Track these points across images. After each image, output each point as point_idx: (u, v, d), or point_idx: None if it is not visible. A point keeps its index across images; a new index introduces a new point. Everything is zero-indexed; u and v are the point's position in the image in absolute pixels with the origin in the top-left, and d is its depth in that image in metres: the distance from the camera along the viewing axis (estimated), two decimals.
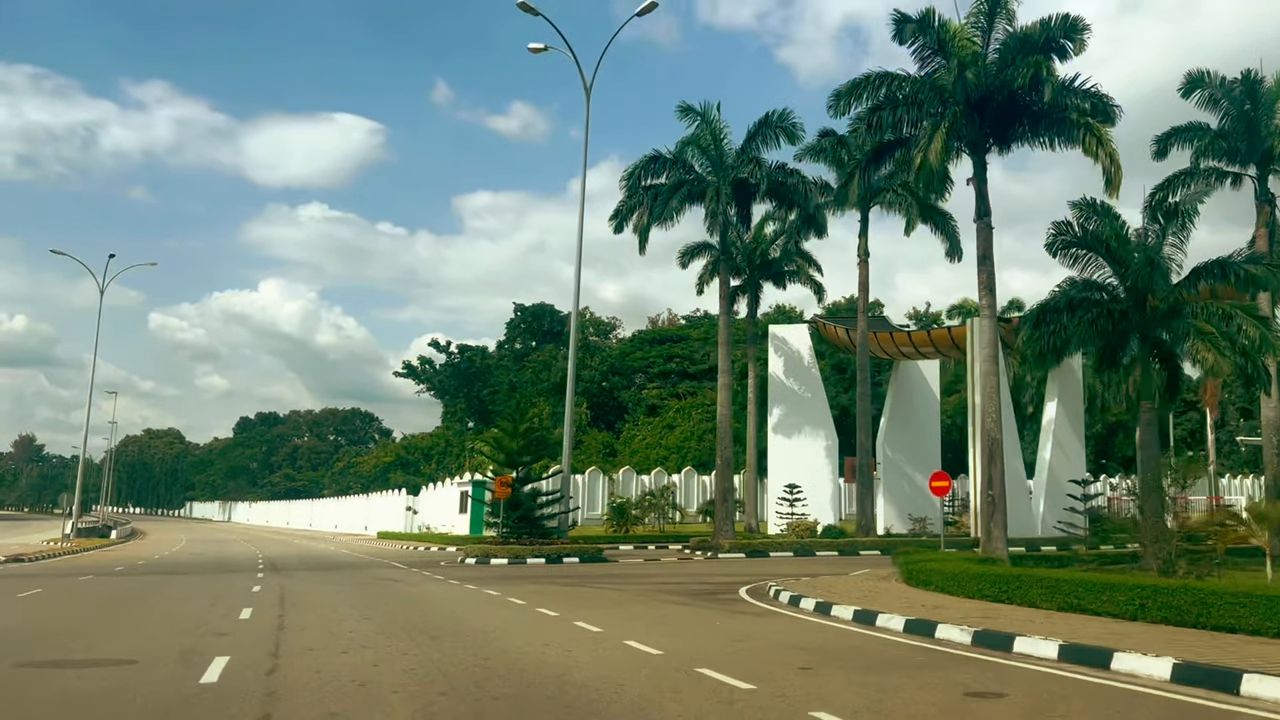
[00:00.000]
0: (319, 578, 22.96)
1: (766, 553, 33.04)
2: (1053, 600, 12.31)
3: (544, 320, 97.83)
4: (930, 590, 15.74)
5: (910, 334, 49.54)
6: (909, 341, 49.26)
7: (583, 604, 15.09)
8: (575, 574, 23.56)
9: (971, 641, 10.30)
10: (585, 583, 20.23)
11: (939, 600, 14.12)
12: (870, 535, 37.95)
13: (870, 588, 17.10)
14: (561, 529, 31.71)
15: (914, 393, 52.76)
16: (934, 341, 48.48)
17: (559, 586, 19.12)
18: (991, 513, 24.15)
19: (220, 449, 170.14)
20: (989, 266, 25.04)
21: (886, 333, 50.37)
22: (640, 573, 24.67)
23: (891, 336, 49.98)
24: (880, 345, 51.05)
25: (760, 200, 35.99)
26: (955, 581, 14.99)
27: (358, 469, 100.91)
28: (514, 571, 25.08)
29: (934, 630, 10.94)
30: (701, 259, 51.73)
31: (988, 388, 24.93)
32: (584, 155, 34.06)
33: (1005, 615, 11.81)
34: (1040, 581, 12.77)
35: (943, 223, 38.87)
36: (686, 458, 67.71)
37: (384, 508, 73.88)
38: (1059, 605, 12.17)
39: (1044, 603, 12.46)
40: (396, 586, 19.71)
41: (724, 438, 35.61)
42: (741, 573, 24.22)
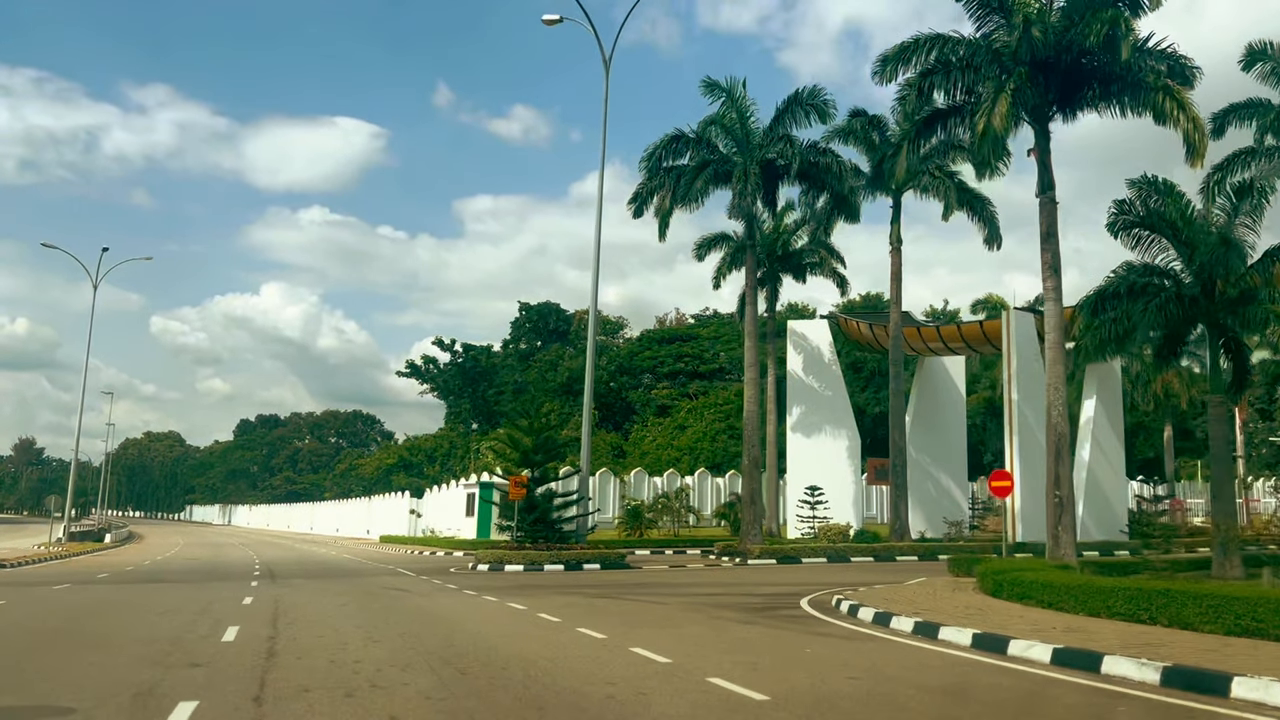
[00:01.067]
0: (319, 587, 20.73)
1: (798, 559, 30.82)
2: (1218, 622, 10.05)
3: (550, 319, 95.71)
4: (1032, 605, 13.49)
5: (939, 329, 47.31)
6: (938, 336, 47.06)
7: (629, 622, 12.85)
8: (602, 582, 21.33)
9: (1165, 683, 8.03)
10: (618, 594, 17.99)
11: (1057, 619, 11.88)
12: (905, 540, 35.70)
13: (954, 601, 14.86)
14: (580, 533, 29.48)
15: (939, 390, 50.63)
16: (964, 336, 46.26)
17: (590, 598, 16.89)
18: (1060, 515, 21.87)
19: (220, 452, 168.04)
20: (1053, 245, 22.80)
21: (914, 328, 48.15)
22: (672, 581, 22.45)
23: (919, 331, 47.76)
24: (907, 341, 48.80)
25: (790, 182, 33.74)
26: (1071, 596, 12.70)
27: (359, 471, 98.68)
28: (533, 580, 22.84)
29: (1098, 664, 8.68)
30: (719, 251, 49.67)
31: (1055, 377, 22.64)
32: (603, 129, 32.15)
33: (1178, 643, 9.53)
34: (1196, 598, 10.49)
35: (981, 208, 36.65)
36: (699, 459, 65.51)
37: (387, 511, 71.64)
38: (1228, 629, 9.92)
39: (1204, 624, 10.20)
40: (406, 598, 17.47)
41: (750, 436, 33.38)
42: (784, 581, 22.00)
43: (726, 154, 33.00)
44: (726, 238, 49.02)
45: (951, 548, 35.68)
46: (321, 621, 13.14)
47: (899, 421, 37.64)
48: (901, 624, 11.99)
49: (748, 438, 33.47)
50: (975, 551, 36.00)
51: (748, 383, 33.98)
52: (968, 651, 10.12)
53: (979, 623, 11.39)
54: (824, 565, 29.57)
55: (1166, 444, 62.03)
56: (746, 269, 34.79)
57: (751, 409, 33.46)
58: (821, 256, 47.29)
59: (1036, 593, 13.59)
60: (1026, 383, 40.45)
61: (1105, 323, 24.57)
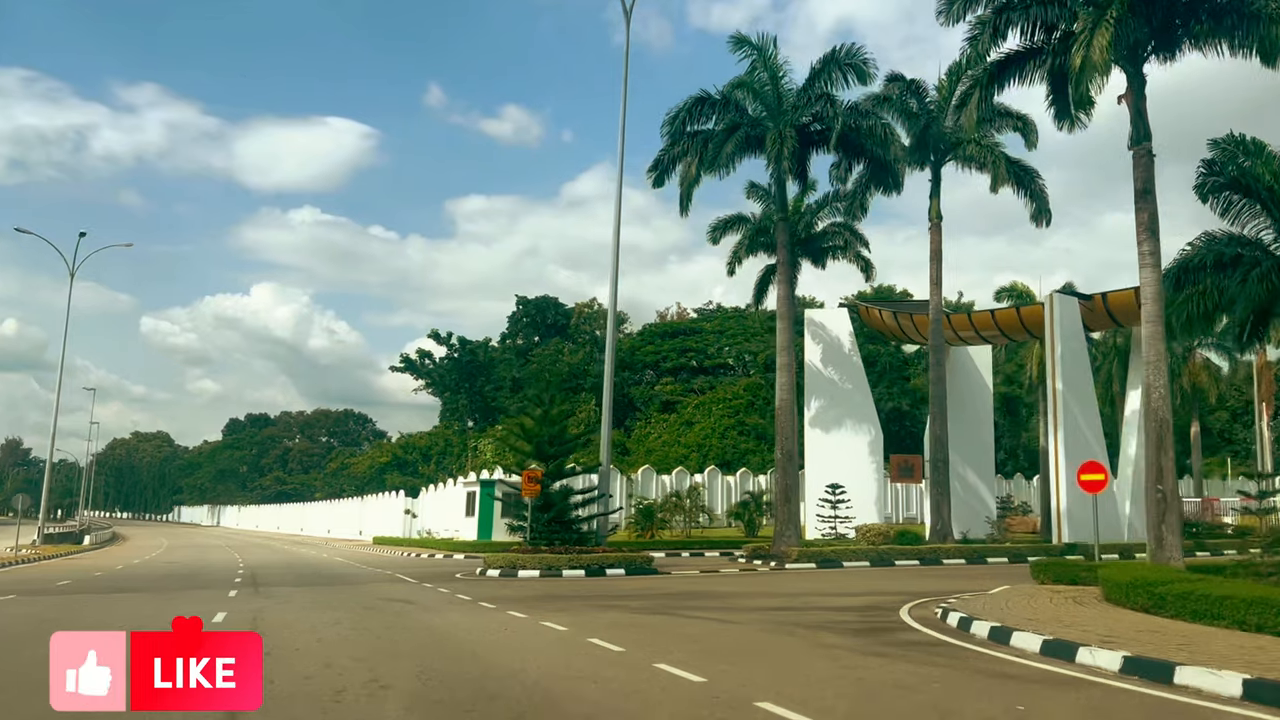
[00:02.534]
0: (307, 599, 17.70)
1: (839, 562, 27.88)
2: None
3: (548, 313, 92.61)
4: (1187, 620, 10.63)
5: (971, 315, 44.45)
6: (969, 324, 44.18)
7: (713, 652, 9.79)
8: (637, 592, 18.34)
9: None
10: (668, 608, 14.99)
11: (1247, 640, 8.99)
12: (947, 542, 32.76)
13: (1107, 619, 11.94)
14: (600, 534, 26.45)
15: (964, 383, 47.74)
16: (999, 323, 43.34)
17: (636, 614, 13.91)
18: (1163, 513, 18.94)
19: (209, 452, 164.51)
20: (1150, 203, 19.89)
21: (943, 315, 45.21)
22: (717, 590, 19.45)
23: (949, 319, 44.73)
24: None
25: (826, 150, 30.79)
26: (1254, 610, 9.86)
27: (351, 470, 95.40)
28: (555, 588, 19.83)
29: None
30: (735, 233, 46.72)
31: (1155, 354, 19.72)
32: (624, 83, 29.00)
33: None
34: None
35: (1028, 181, 33.71)
36: (708, 456, 62.55)
37: (380, 511, 68.51)
38: None
39: None
40: (413, 613, 14.45)
41: (784, 427, 30.41)
42: (848, 590, 19.04)
43: (756, 117, 30.05)
44: (744, 219, 46.04)
45: (999, 549, 32.78)
46: (308, 652, 10.13)
47: (940, 413, 34.70)
48: (1098, 659, 8.93)
49: (780, 429, 30.49)
50: (1033, 554, 33.16)
51: (780, 369, 31.01)
52: (1250, 708, 7.15)
53: (1173, 652, 8.40)
54: (870, 570, 26.66)
55: (1194, 440, 59.22)
56: (779, 243, 31.80)
57: (785, 397, 30.51)
58: (846, 239, 44.38)
59: (1199, 606, 10.72)
60: (1071, 370, 37.63)
61: (1193, 298, 21.80)
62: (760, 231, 45.40)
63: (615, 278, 29.46)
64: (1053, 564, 19.79)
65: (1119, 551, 35.07)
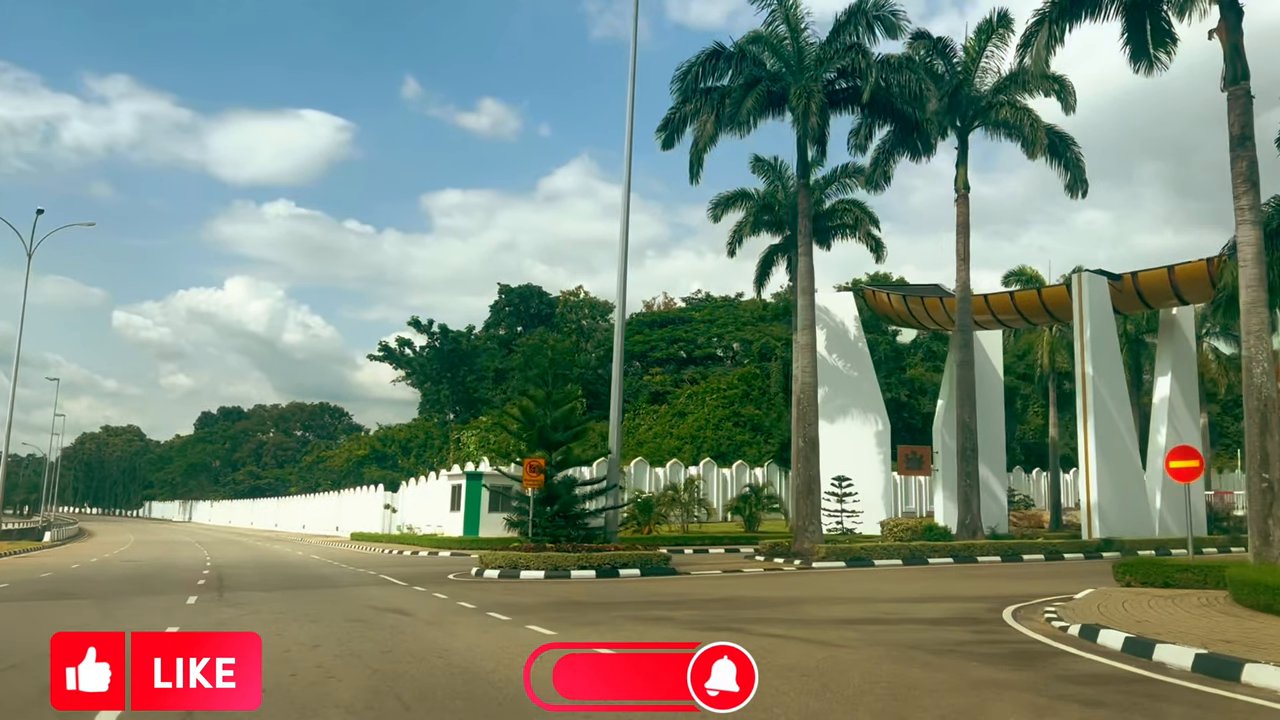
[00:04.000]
0: (281, 606, 14.94)
1: (870, 560, 25.35)
2: None
3: (531, 302, 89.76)
4: None
5: (988, 298, 41.96)
6: (986, 307, 41.74)
7: (847, 698, 7.13)
8: (669, 598, 15.71)
9: None
10: (728, 623, 12.30)
11: None
12: (977, 536, 30.29)
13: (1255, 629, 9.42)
14: (610, 530, 23.76)
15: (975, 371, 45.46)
16: (1018, 306, 40.97)
17: (696, 630, 11.25)
18: (1269, 504, 16.44)
19: (180, 446, 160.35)
20: (1250, 150, 17.37)
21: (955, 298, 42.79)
22: (765, 596, 16.80)
23: None
24: (947, 312, 43.58)
25: (853, 109, 28.23)
26: None
27: (328, 464, 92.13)
28: (570, 592, 17.13)
29: None
30: (738, 210, 44.17)
31: (1257, 323, 17.19)
32: (632, 61, 26.40)
33: None
34: None
35: (1064, 148, 31.27)
36: (702, 448, 59.95)
37: (358, 506, 65.52)
38: None
39: None
40: (412, 629, 11.73)
41: (806, 413, 27.82)
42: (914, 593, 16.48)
43: (775, 72, 27.39)
44: (747, 195, 43.47)
45: (1033, 545, 30.30)
46: (279, 691, 7.40)
47: (967, 398, 32.18)
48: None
49: (802, 414, 27.89)
50: (1069, 551, 30.83)
51: (801, 349, 28.41)
52: None
53: None
54: (910, 570, 24.16)
55: (1203, 432, 56.89)
56: (800, 211, 29.12)
57: (807, 380, 27.92)
58: (856, 217, 41.92)
59: None
60: (1101, 355, 35.23)
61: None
62: (765, 208, 42.80)
63: (624, 246, 26.78)
64: (1140, 564, 17.27)
65: (1154, 548, 32.77)
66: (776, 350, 66.06)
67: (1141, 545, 32.40)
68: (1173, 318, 38.70)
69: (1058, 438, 54.62)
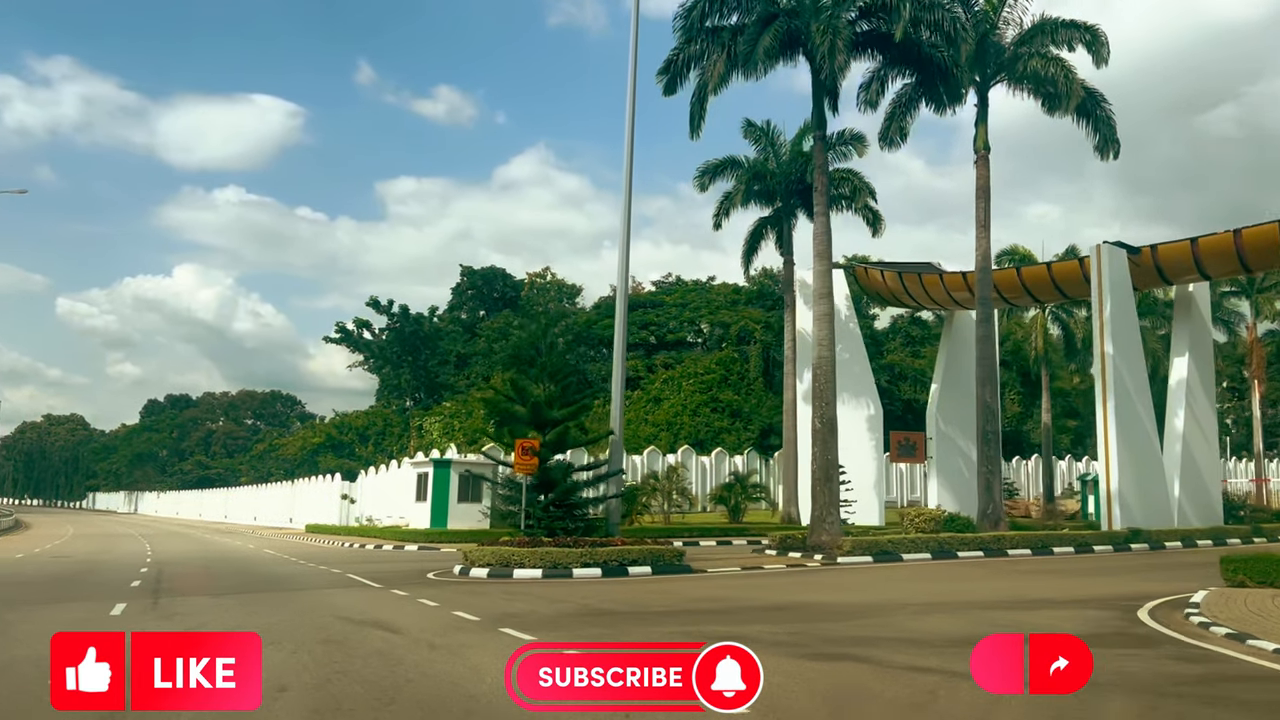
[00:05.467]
0: (230, 617, 11.89)
1: (897, 555, 22.65)
2: None
3: (496, 285, 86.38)
4: None
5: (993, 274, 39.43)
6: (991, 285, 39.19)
7: None
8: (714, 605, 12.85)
9: None
10: (815, 638, 9.45)
11: None
12: (1000, 527, 27.77)
13: None
14: (612, 522, 20.82)
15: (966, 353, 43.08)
16: (1025, 282, 38.58)
17: (787, 654, 8.39)
18: None
19: (125, 435, 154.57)
20: None
21: (958, 275, 40.39)
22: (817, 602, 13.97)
23: (964, 278, 39.94)
24: (947, 289, 41.18)
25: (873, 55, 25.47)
26: None
27: (281, 452, 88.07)
28: (585, 598, 14.17)
29: None
30: (726, 179, 41.41)
31: None
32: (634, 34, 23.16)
33: None
34: None
35: (1093, 105, 28.75)
36: (680, 435, 57.15)
37: (313, 496, 61.87)
38: None
39: None
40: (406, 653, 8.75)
41: (824, 390, 25.00)
42: (1000, 596, 13.76)
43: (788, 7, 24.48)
44: (736, 163, 40.74)
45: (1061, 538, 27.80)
46: None
47: (989, 376, 29.61)
48: None
49: (818, 392, 25.09)
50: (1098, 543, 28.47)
51: (818, 319, 25.65)
52: None
53: None
54: (929, 563, 21.50)
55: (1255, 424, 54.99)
56: (817, 167, 26.21)
57: (824, 354, 25.13)
58: (853, 187, 39.41)
59: None
60: (1120, 332, 32.85)
61: None
62: (757, 176, 40.05)
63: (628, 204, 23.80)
64: (1251, 561, 14.72)
65: (1180, 539, 30.53)
66: (755, 334, 63.41)
67: (1168, 537, 30.19)
68: (1189, 295, 36.50)
69: (1050, 423, 52.65)
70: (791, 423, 40.25)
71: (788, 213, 40.87)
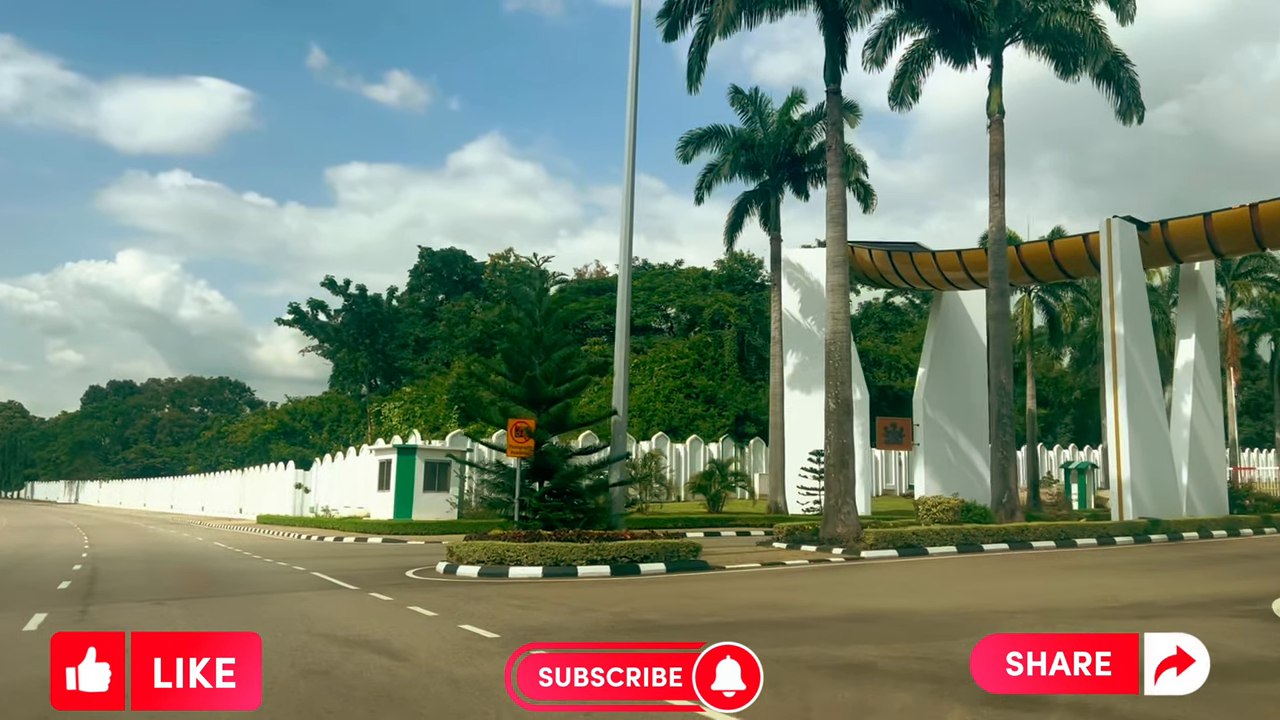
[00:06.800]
0: (178, 627, 9.35)
1: (922, 548, 20.61)
2: None
3: (456, 267, 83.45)
4: None
5: None
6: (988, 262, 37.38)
7: None
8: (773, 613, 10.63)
9: None
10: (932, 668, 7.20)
11: None
12: (1016, 516, 25.88)
13: None
14: (616, 513, 18.51)
15: (955, 335, 41.53)
16: (1025, 260, 36.72)
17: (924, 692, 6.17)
18: None
19: (66, 422, 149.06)
20: None
21: (952, 253, 38.52)
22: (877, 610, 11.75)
23: (959, 257, 38.16)
24: (940, 269, 39.29)
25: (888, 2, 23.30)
26: None
27: (230, 439, 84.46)
28: (611, 603, 11.84)
29: None
30: (710, 150, 39.23)
31: None
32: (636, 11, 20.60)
33: None
34: None
35: (1116, 68, 26.87)
36: (652, 422, 54.91)
37: (265, 485, 58.83)
38: None
39: None
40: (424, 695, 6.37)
41: (839, 368, 22.79)
42: (1093, 603, 11.65)
43: None
44: (721, 132, 38.58)
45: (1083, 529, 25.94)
46: None
47: (1004, 356, 27.68)
48: None
49: (832, 371, 22.89)
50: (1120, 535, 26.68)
51: (832, 290, 23.43)
52: None
53: None
54: (971, 559, 19.48)
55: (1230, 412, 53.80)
56: (829, 122, 23.98)
57: (839, 329, 22.95)
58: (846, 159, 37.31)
59: None
60: (1131, 311, 31.13)
61: None
62: (744, 146, 37.92)
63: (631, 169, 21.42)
64: None
65: (1196, 529, 28.93)
66: (730, 317, 61.30)
67: (1184, 527, 28.60)
68: (1195, 274, 34.91)
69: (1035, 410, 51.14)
70: (778, 408, 38.26)
71: (775, 187, 38.81)
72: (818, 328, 41.53)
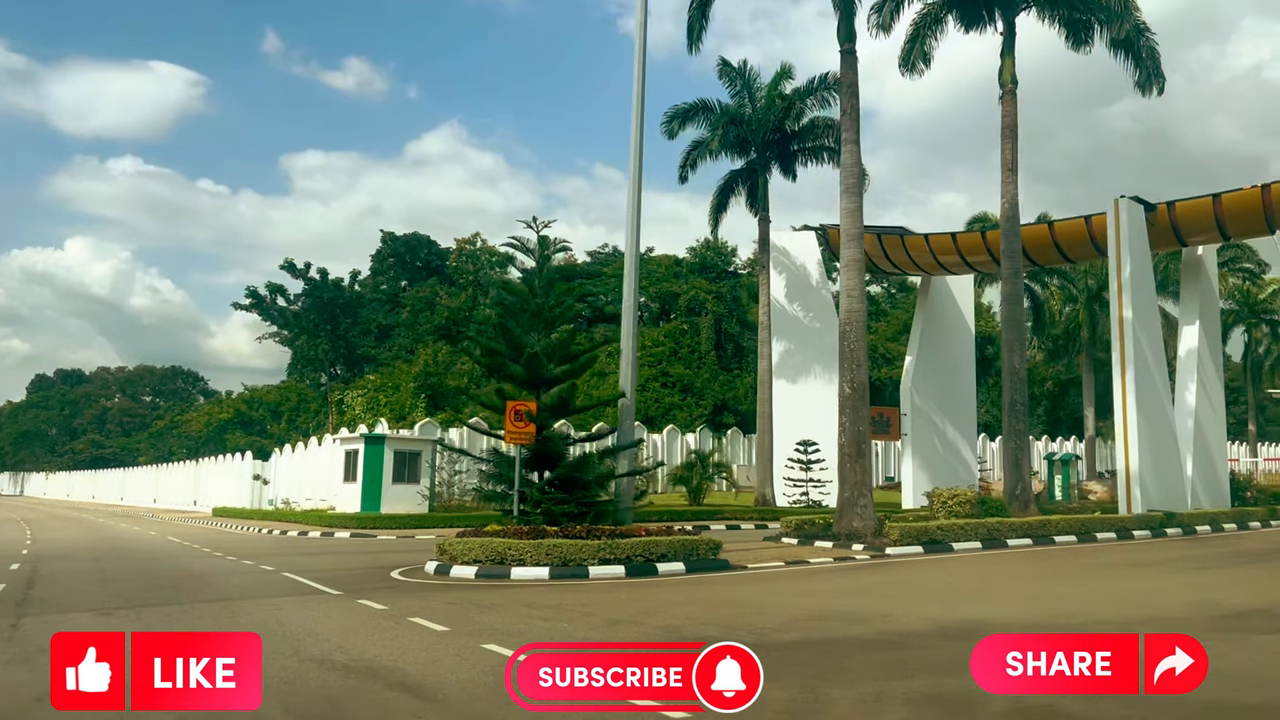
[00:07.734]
0: None
1: (948, 544, 19.05)
2: None
3: (419, 252, 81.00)
4: None
5: (985, 233, 36.30)
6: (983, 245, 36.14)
7: None
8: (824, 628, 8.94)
9: None
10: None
11: None
12: (1030, 509, 24.47)
13: None
14: (624, 507, 16.73)
15: (943, 323, 40.12)
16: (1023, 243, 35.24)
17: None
18: None
19: (10, 412, 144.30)
20: None
21: (946, 235, 37.09)
22: (960, 621, 10.17)
23: (954, 239, 36.74)
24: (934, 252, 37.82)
25: None
26: None
27: (184, 429, 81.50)
28: (642, 610, 10.06)
29: None
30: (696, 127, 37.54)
31: None
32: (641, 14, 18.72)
33: None
34: None
35: (1136, 36, 25.48)
36: None
37: (221, 477, 56.39)
38: None
39: None
40: None
41: (855, 350, 21.13)
42: (1189, 609, 10.08)
43: None
44: (708, 107, 36.88)
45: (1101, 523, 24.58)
46: None
47: (1017, 341, 26.26)
48: None
49: (849, 354, 21.23)
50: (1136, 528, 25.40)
51: (848, 266, 21.77)
52: None
53: None
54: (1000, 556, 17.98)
55: None
56: (844, 85, 22.31)
57: (855, 307, 21.30)
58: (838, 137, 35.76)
59: None
60: (1139, 296, 29.81)
61: None
62: (733, 122, 36.24)
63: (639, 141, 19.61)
64: None
65: (1208, 522, 27.75)
66: (707, 304, 59.67)
67: (1195, 520, 27.38)
68: (1198, 258, 33.72)
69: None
70: (766, 395, 36.73)
71: (763, 165, 37.20)
72: (803, 313, 40.01)
